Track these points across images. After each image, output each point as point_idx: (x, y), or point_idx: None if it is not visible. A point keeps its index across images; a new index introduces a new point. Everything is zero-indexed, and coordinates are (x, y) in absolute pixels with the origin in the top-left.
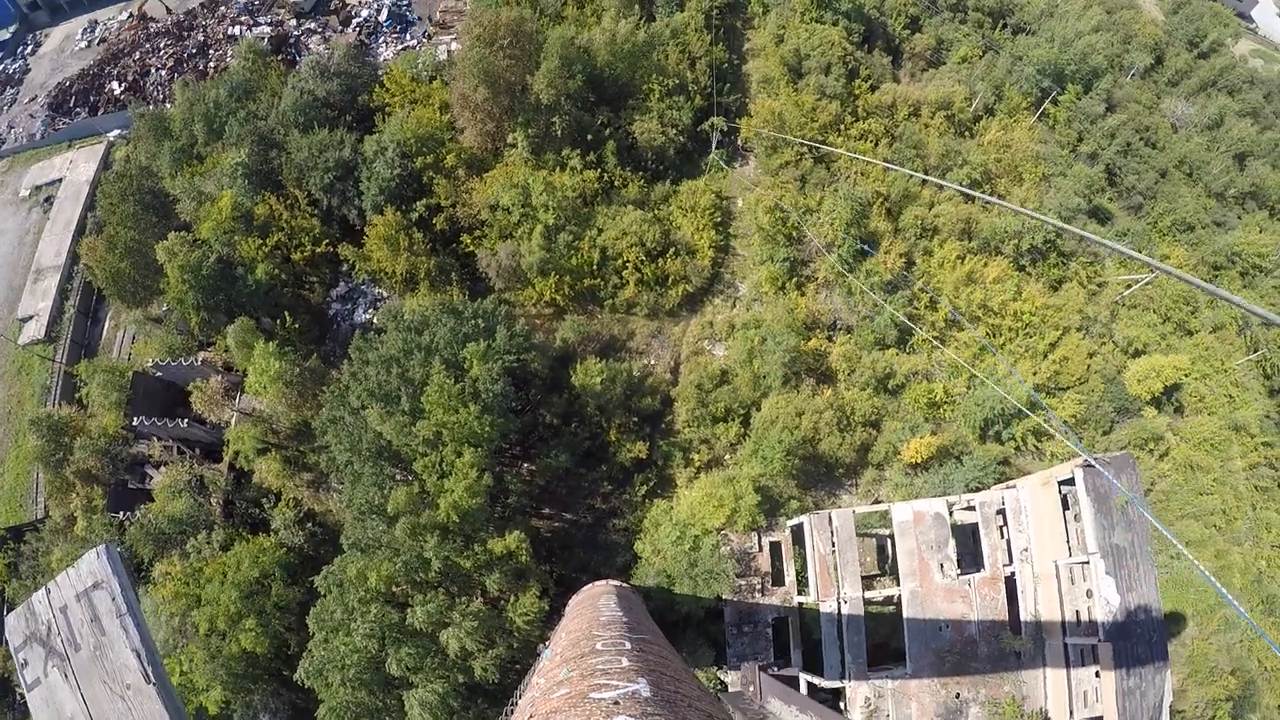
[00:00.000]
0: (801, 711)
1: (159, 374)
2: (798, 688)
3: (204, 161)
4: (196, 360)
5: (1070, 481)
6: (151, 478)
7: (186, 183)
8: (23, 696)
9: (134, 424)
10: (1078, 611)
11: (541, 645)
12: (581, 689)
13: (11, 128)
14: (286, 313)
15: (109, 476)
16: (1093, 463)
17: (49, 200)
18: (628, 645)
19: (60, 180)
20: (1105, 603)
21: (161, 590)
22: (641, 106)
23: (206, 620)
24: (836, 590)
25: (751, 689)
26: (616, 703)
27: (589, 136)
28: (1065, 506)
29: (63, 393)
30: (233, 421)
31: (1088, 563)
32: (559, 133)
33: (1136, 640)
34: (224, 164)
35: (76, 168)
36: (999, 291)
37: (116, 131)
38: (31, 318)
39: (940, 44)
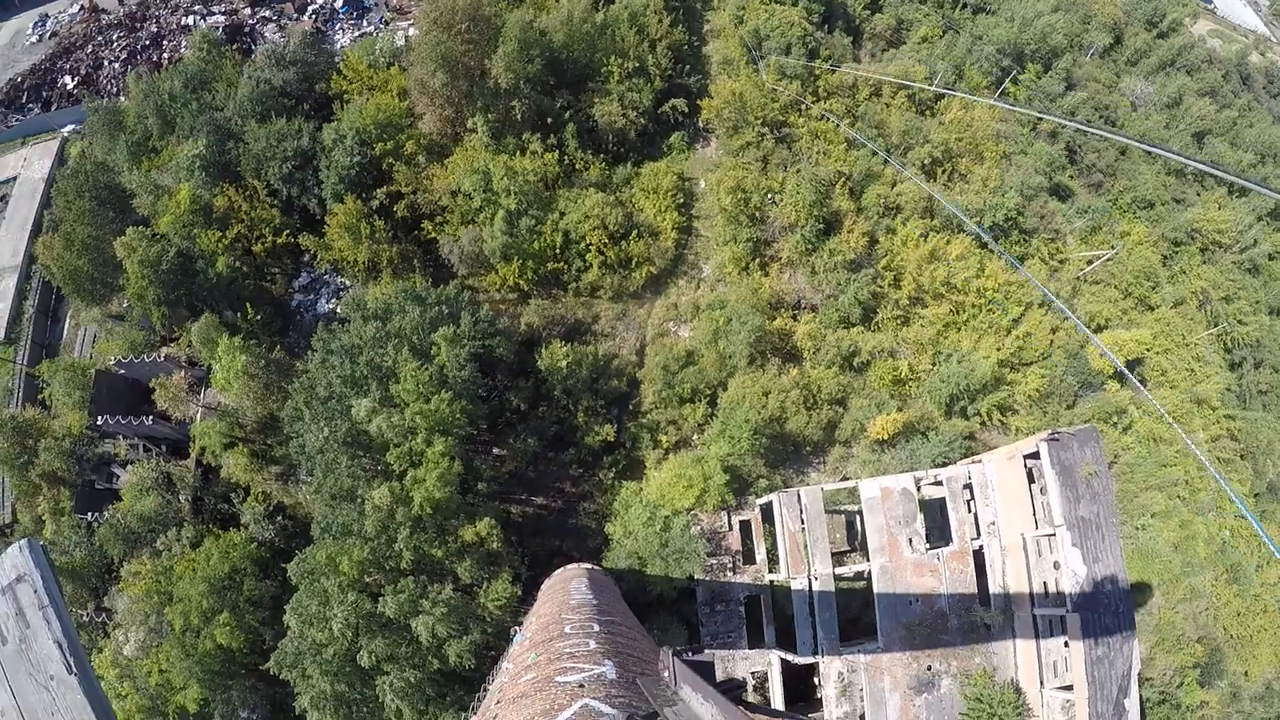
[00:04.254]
0: (705, 700)
1: (122, 371)
2: (711, 672)
3: (160, 154)
4: (159, 356)
5: (1035, 455)
6: (118, 477)
7: (143, 177)
8: None
9: (99, 423)
10: (1045, 583)
11: (514, 630)
12: (548, 673)
13: None
14: (249, 305)
15: (75, 477)
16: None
17: (4, 199)
18: (596, 628)
19: (14, 178)
20: (1072, 574)
21: (132, 589)
22: (601, 89)
23: (180, 617)
24: (807, 567)
25: (667, 674)
26: (581, 685)
27: (549, 120)
28: (1031, 480)
29: (25, 394)
30: (198, 417)
31: (1054, 535)
32: (519, 117)
33: (1104, 610)
34: (181, 156)
35: (31, 165)
36: (962, 268)
37: (71, 126)
38: None
39: (900, 24)
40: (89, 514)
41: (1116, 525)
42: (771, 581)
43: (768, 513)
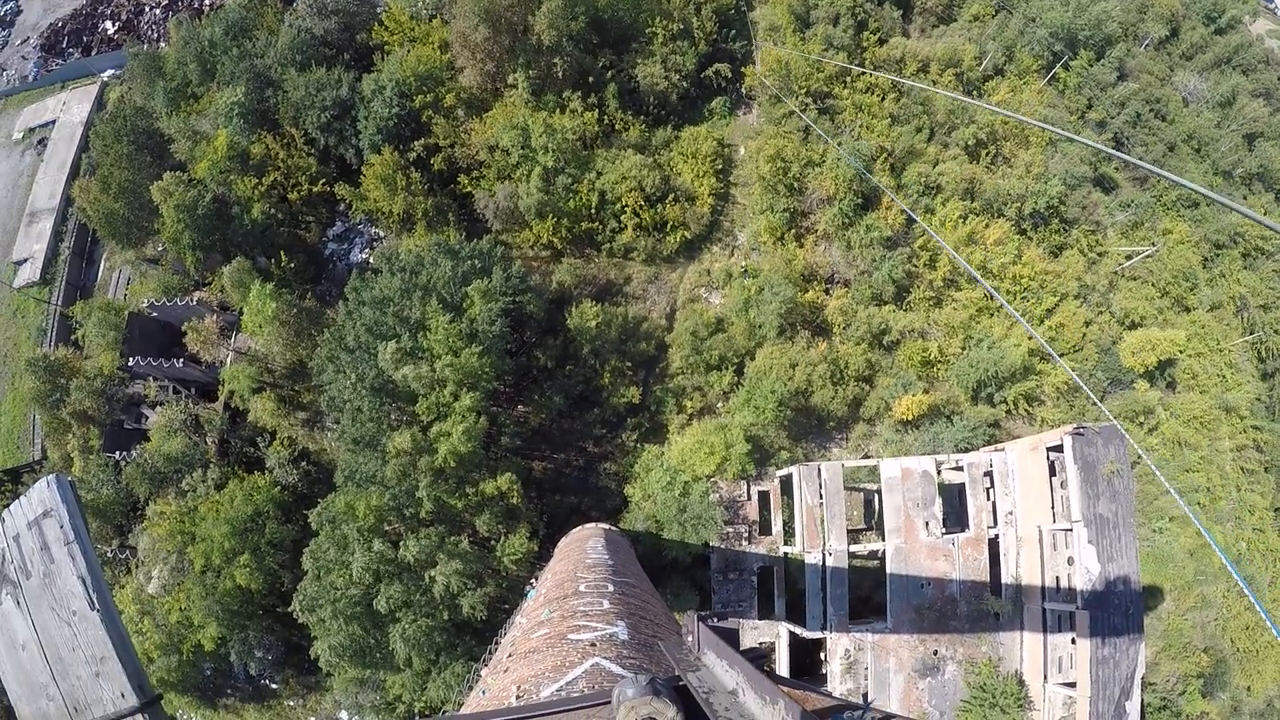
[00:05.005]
0: (730, 667)
1: (155, 314)
2: (736, 640)
3: (200, 101)
4: (192, 300)
5: (1059, 448)
6: (147, 417)
7: (182, 122)
8: None
9: (130, 364)
10: (1058, 578)
11: (529, 585)
12: (561, 630)
13: (3, 70)
14: (282, 252)
15: (105, 417)
16: (1093, 428)
17: (42, 142)
18: (610, 588)
19: (54, 122)
20: (1085, 571)
21: (157, 529)
22: (644, 50)
23: (202, 557)
24: (822, 542)
25: (690, 639)
26: (593, 644)
27: (590, 79)
28: (1052, 473)
29: (58, 334)
30: (228, 361)
31: (1071, 530)
32: (560, 74)
33: (1113, 610)
34: (220, 103)
35: (70, 109)
36: (999, 254)
37: (110, 71)
38: (26, 260)
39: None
40: (117, 453)
41: (1134, 526)
42: (786, 554)
43: (787, 485)
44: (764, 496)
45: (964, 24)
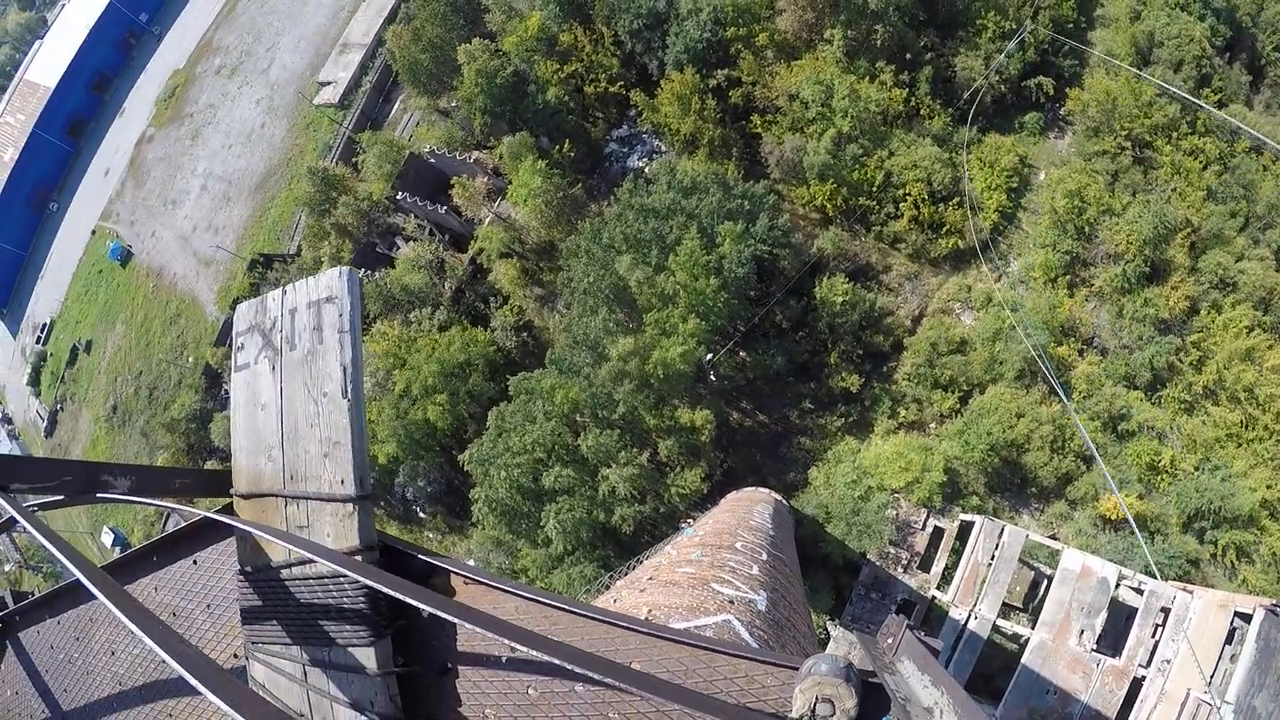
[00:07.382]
0: (934, 685)
1: (432, 160)
2: (939, 660)
3: None
4: (469, 157)
5: (1247, 618)
6: (399, 247)
7: None
8: (227, 392)
9: (398, 197)
10: None
11: (685, 522)
12: (706, 575)
13: None
14: (567, 140)
15: (361, 235)
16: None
17: None
18: (764, 557)
19: None
20: None
21: (375, 345)
22: (970, 40)
23: (404, 383)
24: (974, 603)
25: (890, 641)
26: (732, 601)
27: (907, 55)
28: (1228, 640)
29: (341, 154)
30: (486, 221)
31: (1218, 709)
32: (878, 42)
33: None
34: None
35: None
36: (1272, 382)
37: None
38: (330, 83)
39: None
40: (362, 270)
41: None
42: (933, 597)
43: (964, 532)
44: (937, 534)
45: None
